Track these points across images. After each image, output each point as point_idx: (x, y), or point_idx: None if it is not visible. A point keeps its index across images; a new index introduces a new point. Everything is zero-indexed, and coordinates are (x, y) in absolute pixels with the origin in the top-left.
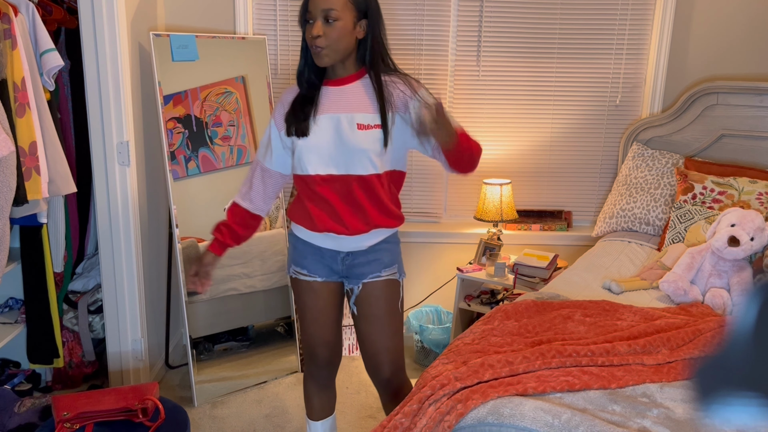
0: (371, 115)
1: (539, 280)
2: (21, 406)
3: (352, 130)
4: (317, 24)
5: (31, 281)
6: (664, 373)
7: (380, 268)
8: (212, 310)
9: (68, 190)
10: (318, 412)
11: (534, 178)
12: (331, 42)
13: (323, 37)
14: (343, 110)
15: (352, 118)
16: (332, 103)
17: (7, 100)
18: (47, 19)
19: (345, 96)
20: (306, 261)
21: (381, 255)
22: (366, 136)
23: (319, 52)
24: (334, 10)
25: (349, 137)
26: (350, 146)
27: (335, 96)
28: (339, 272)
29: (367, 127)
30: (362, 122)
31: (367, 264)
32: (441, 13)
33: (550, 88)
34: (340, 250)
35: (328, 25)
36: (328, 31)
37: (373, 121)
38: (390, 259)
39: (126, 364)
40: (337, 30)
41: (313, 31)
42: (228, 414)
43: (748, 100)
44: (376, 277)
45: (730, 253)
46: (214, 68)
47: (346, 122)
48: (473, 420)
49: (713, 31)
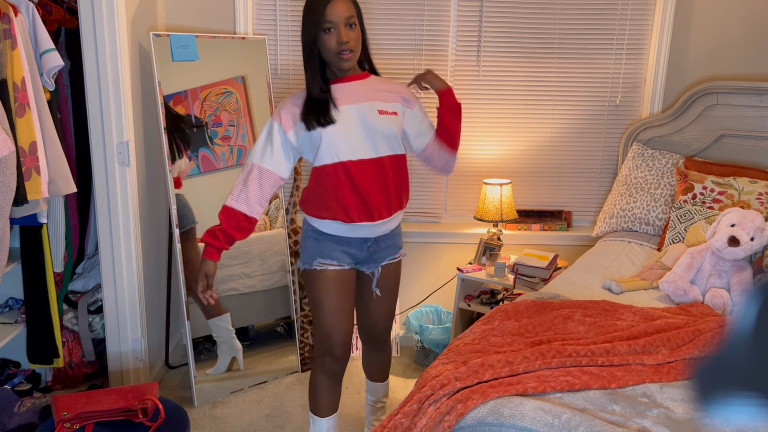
0: (388, 103)
1: (539, 280)
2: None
3: (375, 115)
4: (343, 30)
5: (31, 281)
6: (664, 373)
7: (395, 251)
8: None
9: (68, 190)
10: (326, 409)
11: (534, 178)
12: (355, 44)
13: (351, 41)
14: (362, 100)
15: (372, 105)
16: (350, 95)
17: (7, 100)
18: (47, 19)
19: (359, 89)
20: (334, 252)
21: (396, 239)
22: (388, 120)
23: (349, 56)
24: (353, 15)
25: (374, 122)
26: (377, 130)
27: (350, 90)
28: (359, 259)
29: (386, 113)
30: (383, 109)
31: (387, 248)
32: (441, 13)
33: (550, 88)
34: (369, 236)
35: (351, 29)
36: (352, 36)
37: (391, 108)
38: (400, 240)
39: (126, 364)
40: (357, 33)
41: (342, 37)
42: (228, 414)
43: (748, 100)
44: (392, 259)
45: (730, 253)
46: (214, 68)
47: (368, 109)
48: (473, 420)
49: (713, 31)
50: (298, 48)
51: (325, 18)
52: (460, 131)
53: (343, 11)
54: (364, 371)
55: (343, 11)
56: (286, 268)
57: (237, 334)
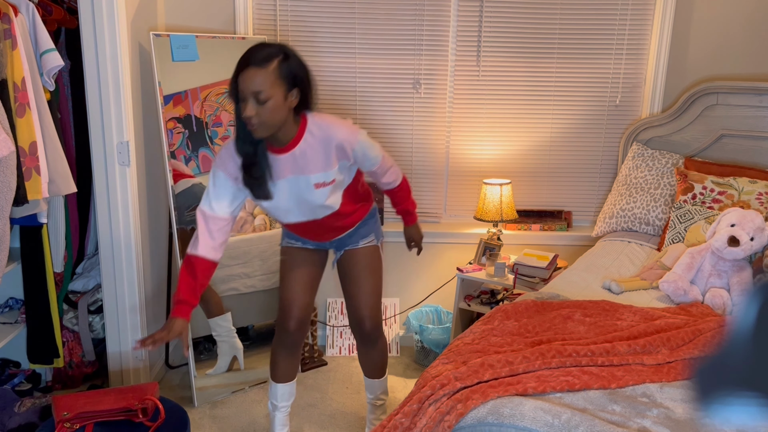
0: (323, 173)
1: (539, 280)
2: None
3: (311, 190)
4: (249, 105)
5: (31, 281)
6: (664, 373)
7: (358, 240)
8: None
9: (68, 190)
10: (281, 376)
11: (534, 178)
12: (264, 120)
13: (255, 116)
14: (298, 172)
15: (307, 180)
16: (285, 168)
17: (7, 100)
18: (47, 19)
19: (295, 160)
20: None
21: (360, 230)
22: (324, 192)
23: (254, 130)
24: (263, 91)
25: (309, 196)
26: (313, 203)
27: (285, 162)
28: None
29: (323, 185)
30: (318, 181)
31: (349, 238)
32: (441, 13)
33: (550, 88)
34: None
35: (260, 105)
36: (260, 111)
37: (327, 178)
38: (366, 230)
39: (126, 364)
40: (269, 109)
41: (246, 112)
42: (228, 414)
43: (748, 100)
44: (355, 245)
45: (730, 253)
46: (214, 68)
47: (303, 184)
48: (473, 420)
49: (713, 31)
50: (299, 48)
51: (237, 87)
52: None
53: (251, 85)
54: (361, 368)
55: (251, 85)
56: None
57: (237, 334)
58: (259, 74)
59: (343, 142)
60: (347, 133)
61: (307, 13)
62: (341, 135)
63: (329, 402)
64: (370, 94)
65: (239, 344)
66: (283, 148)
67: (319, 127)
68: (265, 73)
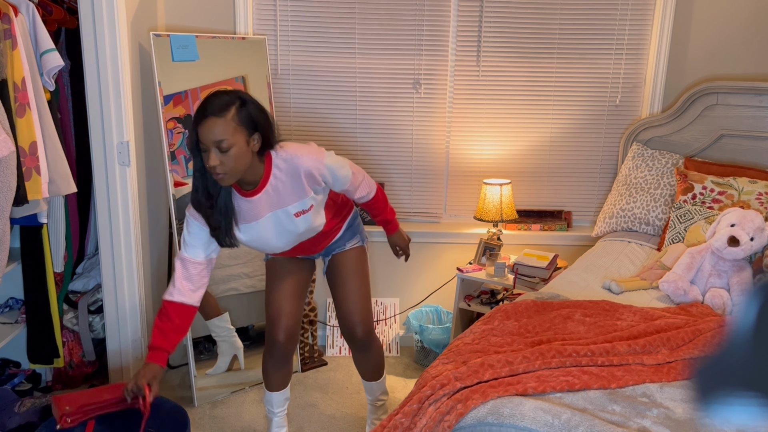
0: (299, 203)
1: (539, 280)
2: (21, 406)
3: (291, 220)
4: (212, 155)
5: (32, 281)
6: (664, 373)
7: (344, 243)
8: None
9: (68, 190)
10: (273, 385)
11: (534, 178)
12: (230, 168)
13: (220, 165)
14: (275, 207)
15: (286, 211)
16: (263, 207)
17: (7, 100)
18: (47, 19)
19: (269, 197)
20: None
21: (345, 234)
22: (306, 218)
23: (221, 179)
24: (225, 139)
25: (292, 227)
26: (297, 232)
27: (261, 201)
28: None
29: (302, 212)
30: (296, 211)
31: (335, 243)
32: (441, 13)
33: (550, 88)
34: None
35: (223, 153)
36: (224, 159)
37: (305, 206)
38: (351, 233)
39: (126, 364)
40: (233, 156)
41: (210, 162)
42: (228, 414)
43: (748, 100)
44: (342, 248)
45: (729, 253)
46: (214, 68)
47: (283, 216)
48: (473, 420)
49: (713, 31)
50: (299, 48)
51: (196, 137)
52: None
53: (212, 135)
54: (358, 372)
55: (212, 135)
56: None
57: (237, 334)
58: (218, 123)
59: (310, 169)
60: (313, 160)
61: (307, 13)
62: (307, 163)
63: (329, 402)
64: (370, 94)
65: (239, 343)
66: (254, 190)
67: (284, 161)
68: (224, 122)
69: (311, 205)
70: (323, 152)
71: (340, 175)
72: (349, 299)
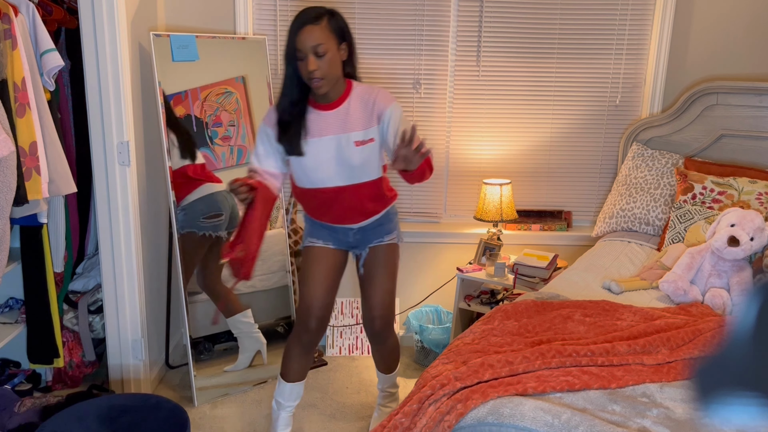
0: (364, 131)
1: (539, 280)
2: (21, 406)
3: (350, 148)
4: (311, 59)
5: (31, 281)
6: (663, 373)
7: (383, 235)
8: (212, 310)
9: (68, 190)
10: (293, 375)
11: (534, 178)
12: (326, 72)
13: (318, 69)
14: (339, 131)
15: (348, 137)
16: (327, 125)
17: (7, 100)
18: (47, 19)
19: (338, 118)
20: (321, 234)
21: (384, 224)
22: (363, 150)
23: (319, 84)
24: (322, 44)
25: (350, 155)
26: (352, 161)
27: (329, 119)
28: (349, 243)
29: (363, 143)
30: (358, 139)
31: (373, 232)
32: (441, 13)
33: (550, 88)
34: (352, 227)
35: (320, 58)
36: (321, 64)
37: (367, 136)
38: (390, 226)
39: (126, 364)
40: (327, 61)
41: (309, 67)
42: (228, 414)
43: (748, 100)
44: (380, 241)
45: (729, 253)
46: (214, 68)
47: (344, 141)
48: (473, 420)
49: (713, 32)
50: None
51: (295, 46)
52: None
53: (309, 40)
54: (373, 360)
55: (309, 40)
56: (286, 268)
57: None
58: (315, 30)
59: (379, 99)
60: (386, 95)
61: None
62: (380, 94)
63: (329, 402)
64: None
65: (262, 338)
66: (330, 104)
67: (363, 89)
68: (320, 29)
69: (372, 139)
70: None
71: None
72: (375, 292)
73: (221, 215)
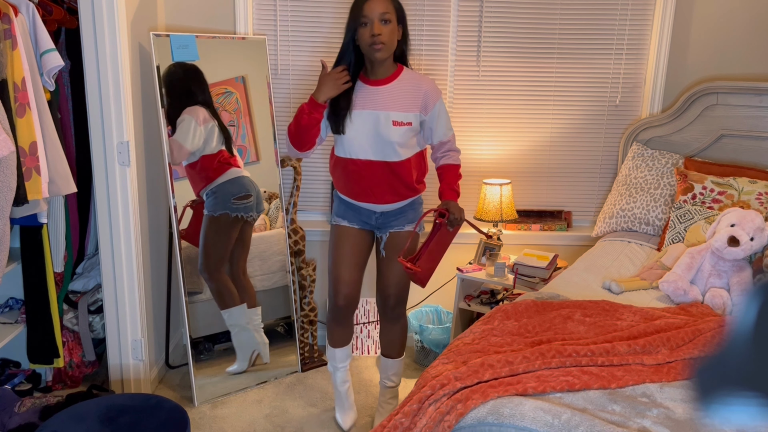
0: (404, 114)
1: (539, 280)
2: (21, 406)
3: (388, 126)
4: (377, 24)
5: (31, 281)
6: (664, 373)
7: (404, 223)
8: (212, 310)
9: (68, 190)
10: (336, 341)
11: (534, 178)
12: (387, 39)
13: (382, 34)
14: (381, 108)
15: (388, 116)
16: (372, 100)
17: (7, 100)
18: (47, 19)
19: (383, 95)
20: (347, 214)
21: (407, 212)
22: (398, 131)
23: (380, 48)
24: (388, 13)
25: (387, 132)
26: (385, 139)
27: (375, 94)
28: (373, 225)
29: (401, 124)
30: (397, 119)
31: (395, 219)
32: (441, 13)
33: (550, 88)
34: (375, 210)
35: (384, 25)
36: (384, 30)
37: (406, 119)
38: (414, 215)
39: (126, 364)
40: (390, 29)
41: (375, 30)
42: (228, 414)
43: (748, 100)
44: (400, 228)
45: (729, 253)
46: (214, 68)
47: (383, 119)
48: (473, 420)
49: (713, 31)
50: (299, 48)
51: (362, 13)
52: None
53: (378, 8)
54: (381, 347)
55: (378, 8)
56: (286, 268)
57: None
58: (382, 1)
59: (430, 91)
60: (435, 88)
61: (307, 13)
62: (431, 86)
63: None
64: None
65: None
66: (380, 80)
67: (414, 75)
68: (387, 2)
69: (410, 122)
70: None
71: (446, 119)
72: (391, 273)
73: (250, 196)
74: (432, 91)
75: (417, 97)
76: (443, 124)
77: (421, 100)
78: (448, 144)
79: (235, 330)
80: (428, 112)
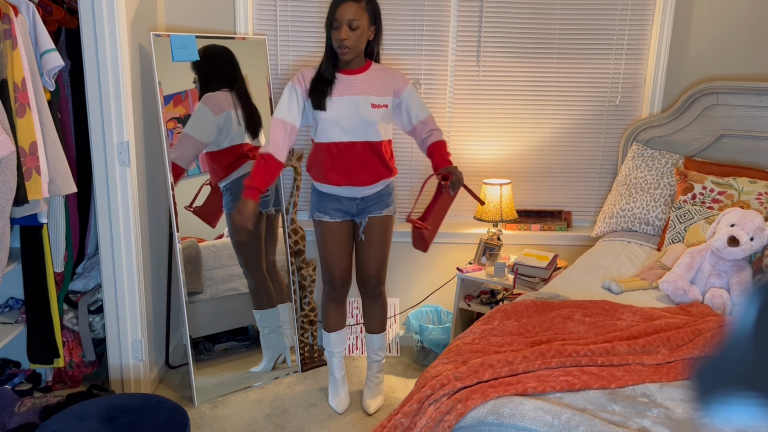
0: (380, 97)
1: (539, 280)
2: (21, 406)
3: (368, 108)
4: (344, 29)
5: (32, 281)
6: (663, 373)
7: (382, 208)
8: (212, 310)
9: (68, 190)
10: (332, 325)
11: (534, 178)
12: (353, 43)
13: (348, 39)
14: (359, 93)
15: (367, 99)
16: (350, 87)
17: (7, 100)
18: (47, 19)
19: (359, 82)
20: (326, 208)
21: (383, 198)
22: (378, 112)
23: (345, 52)
24: (356, 20)
25: (365, 113)
26: (366, 120)
27: (352, 82)
28: (352, 213)
29: (378, 106)
30: (375, 102)
31: (374, 205)
32: (441, 13)
33: (550, 88)
34: (355, 196)
35: (352, 31)
36: (351, 35)
37: (382, 102)
38: (388, 200)
39: (126, 364)
40: (357, 35)
41: (341, 35)
42: (228, 414)
43: (748, 100)
44: (378, 213)
45: (729, 253)
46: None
47: (362, 102)
48: (473, 420)
49: (713, 32)
50: (298, 48)
51: (334, 16)
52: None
53: (348, 14)
54: (364, 325)
55: (348, 14)
56: (286, 268)
57: (236, 334)
58: (353, 6)
59: (398, 77)
60: (402, 75)
61: (307, 13)
62: (398, 73)
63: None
64: None
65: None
66: (353, 71)
67: (382, 67)
68: (358, 7)
69: (386, 104)
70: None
71: (419, 99)
72: (372, 255)
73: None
74: (400, 77)
75: (389, 84)
76: (417, 103)
77: (392, 86)
78: (429, 123)
79: (265, 331)
80: (400, 95)
